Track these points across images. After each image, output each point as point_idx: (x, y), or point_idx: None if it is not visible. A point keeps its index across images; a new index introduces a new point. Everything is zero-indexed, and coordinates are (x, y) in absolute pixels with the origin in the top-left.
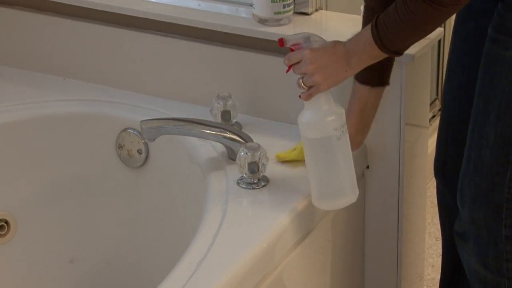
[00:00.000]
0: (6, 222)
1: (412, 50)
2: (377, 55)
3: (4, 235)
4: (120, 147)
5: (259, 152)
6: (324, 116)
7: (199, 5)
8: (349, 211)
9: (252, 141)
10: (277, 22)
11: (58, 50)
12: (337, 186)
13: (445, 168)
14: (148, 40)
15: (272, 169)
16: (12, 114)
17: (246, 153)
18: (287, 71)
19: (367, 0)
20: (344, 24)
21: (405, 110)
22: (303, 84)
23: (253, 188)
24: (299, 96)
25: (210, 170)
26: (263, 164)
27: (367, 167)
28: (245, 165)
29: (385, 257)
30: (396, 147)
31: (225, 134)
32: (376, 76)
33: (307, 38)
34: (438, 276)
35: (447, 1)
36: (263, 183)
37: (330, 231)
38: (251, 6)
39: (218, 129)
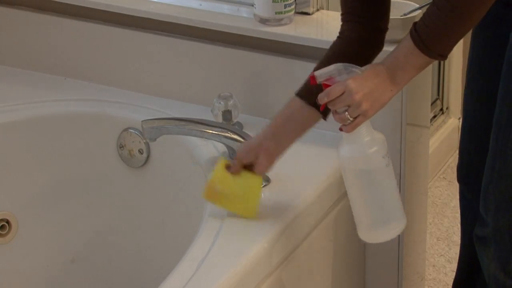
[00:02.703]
0: (8, 222)
1: None
2: (421, 63)
3: (5, 234)
4: (121, 147)
5: None
6: (368, 148)
7: (201, 5)
8: (350, 211)
9: None
10: (278, 22)
11: (59, 50)
12: (390, 212)
13: (469, 175)
14: (150, 40)
15: (273, 169)
16: (13, 114)
17: None
18: (322, 108)
19: (349, 3)
20: None
21: (406, 110)
22: (350, 116)
23: None
24: (340, 129)
25: (211, 170)
26: None
27: None
28: None
29: (386, 257)
30: (397, 147)
31: (226, 134)
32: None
33: (341, 69)
34: (439, 276)
35: None
36: (264, 183)
37: (331, 230)
38: (252, 6)
39: (219, 129)
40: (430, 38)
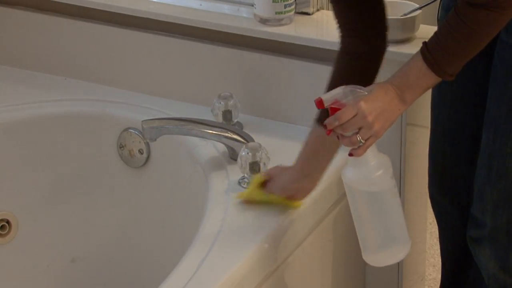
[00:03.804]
0: (8, 222)
1: (413, 50)
2: (432, 83)
3: (6, 234)
4: (121, 147)
5: (260, 152)
6: (376, 171)
7: (201, 5)
8: (350, 211)
9: (253, 141)
10: (278, 22)
11: (59, 50)
12: (396, 234)
13: (443, 179)
14: (150, 40)
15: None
16: (13, 114)
17: (247, 153)
18: (329, 133)
19: (347, 16)
20: None
21: (406, 110)
22: (361, 138)
23: None
24: (350, 154)
25: (211, 170)
26: (264, 164)
27: None
28: (246, 165)
29: None
30: (397, 146)
31: (226, 134)
32: None
33: (347, 91)
34: (440, 276)
35: (509, 3)
36: None
37: (331, 231)
38: (253, 6)
39: (219, 129)
40: (445, 61)
